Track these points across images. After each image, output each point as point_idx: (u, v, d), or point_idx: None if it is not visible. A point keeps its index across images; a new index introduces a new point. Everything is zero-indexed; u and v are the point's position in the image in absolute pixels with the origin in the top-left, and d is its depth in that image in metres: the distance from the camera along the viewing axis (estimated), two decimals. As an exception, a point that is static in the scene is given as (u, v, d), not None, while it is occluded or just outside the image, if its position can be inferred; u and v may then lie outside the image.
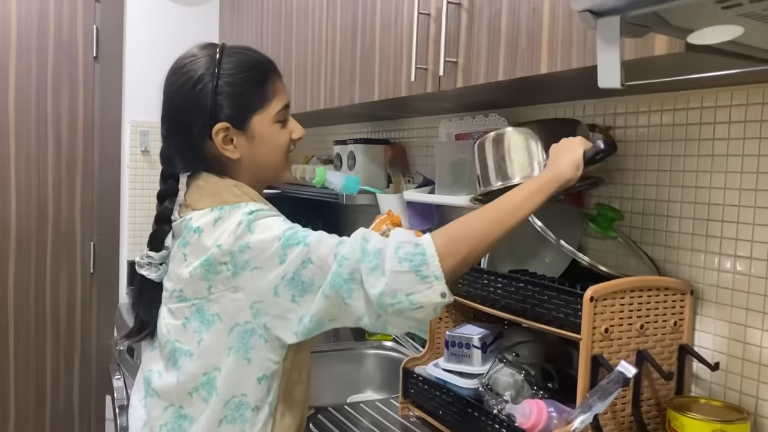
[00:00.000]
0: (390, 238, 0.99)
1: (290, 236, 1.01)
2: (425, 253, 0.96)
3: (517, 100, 1.50)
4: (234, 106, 1.08)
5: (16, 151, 2.49)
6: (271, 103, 1.10)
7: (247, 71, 1.09)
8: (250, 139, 1.09)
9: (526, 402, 1.11)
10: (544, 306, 1.13)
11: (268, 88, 1.10)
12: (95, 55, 2.58)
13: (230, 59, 1.09)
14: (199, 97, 1.07)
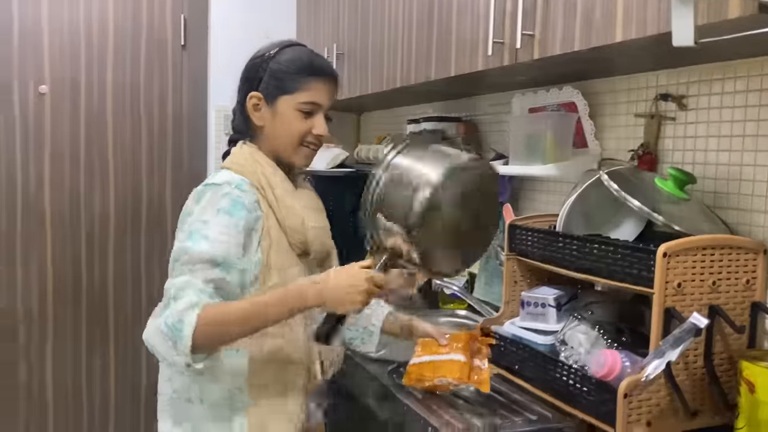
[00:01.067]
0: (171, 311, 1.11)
1: (185, 246, 1.17)
2: (182, 328, 1.09)
3: (591, 72, 1.56)
4: (270, 83, 1.30)
5: (113, 137, 2.69)
6: (299, 93, 1.29)
7: (294, 63, 1.30)
8: (273, 114, 1.30)
9: (601, 352, 1.18)
10: (618, 264, 1.19)
11: (302, 81, 1.29)
12: (183, 43, 2.75)
13: (289, 51, 1.31)
14: (253, 69, 1.32)
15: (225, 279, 1.17)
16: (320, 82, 1.30)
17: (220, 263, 1.16)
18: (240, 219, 1.20)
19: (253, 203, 1.24)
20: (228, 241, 1.18)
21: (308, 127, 1.30)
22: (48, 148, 2.60)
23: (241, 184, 1.24)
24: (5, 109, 2.53)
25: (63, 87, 2.60)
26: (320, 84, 1.30)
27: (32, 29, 2.54)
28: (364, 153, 2.57)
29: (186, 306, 1.10)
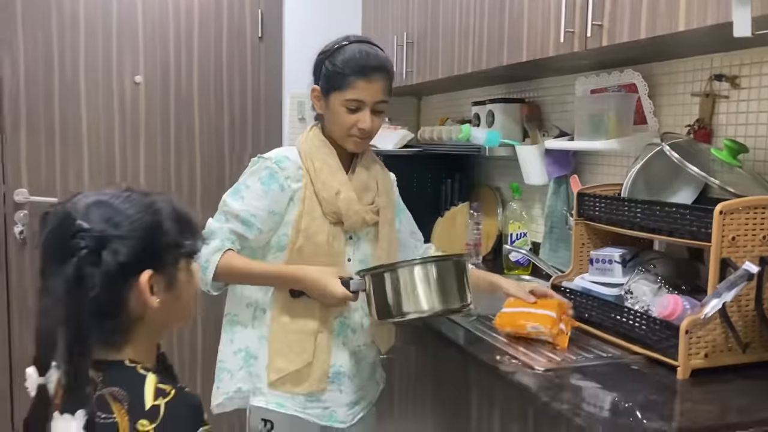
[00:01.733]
0: (210, 245, 1.47)
1: (227, 199, 1.53)
2: (207, 269, 1.45)
3: (650, 56, 1.73)
4: (325, 79, 1.52)
5: (199, 121, 2.95)
6: (345, 91, 1.49)
7: (344, 63, 1.49)
8: (327, 106, 1.54)
9: (665, 296, 1.38)
10: (679, 223, 1.39)
11: (349, 81, 1.49)
12: (260, 35, 2.99)
13: (344, 51, 1.51)
14: (316, 64, 1.56)
15: (245, 234, 1.49)
16: (365, 82, 1.48)
17: (244, 220, 1.48)
18: (270, 190, 1.49)
19: (290, 177, 1.50)
20: (257, 206, 1.48)
21: (354, 121, 1.50)
22: (143, 133, 2.87)
23: (282, 160, 1.51)
24: (106, 98, 2.81)
25: (155, 77, 2.86)
26: (365, 83, 1.49)
27: (129, 27, 2.80)
28: (428, 134, 2.77)
29: (212, 250, 1.46)
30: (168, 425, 0.90)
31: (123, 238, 0.94)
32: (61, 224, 0.93)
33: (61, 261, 0.90)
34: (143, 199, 0.99)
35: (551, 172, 2.13)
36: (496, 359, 1.41)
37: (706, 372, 1.31)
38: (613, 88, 1.88)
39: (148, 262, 0.96)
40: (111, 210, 0.95)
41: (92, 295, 0.90)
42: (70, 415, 0.88)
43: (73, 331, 0.89)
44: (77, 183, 2.80)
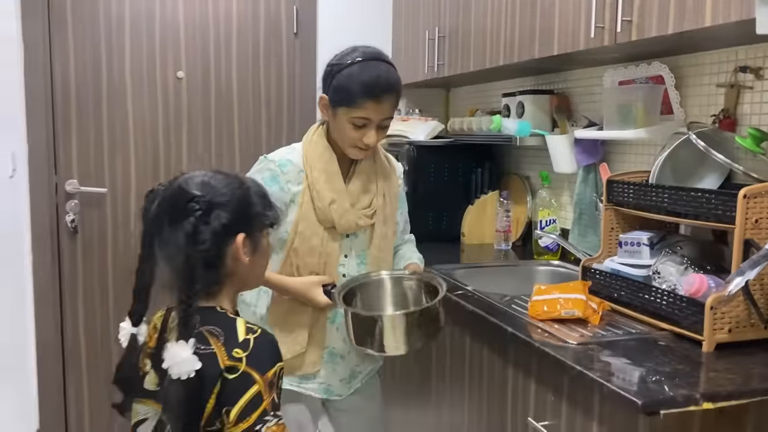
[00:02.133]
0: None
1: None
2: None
3: (677, 48, 1.81)
4: (334, 92, 1.58)
5: (238, 114, 3.07)
6: (354, 109, 1.55)
7: (355, 82, 1.54)
8: (333, 117, 1.61)
9: (691, 275, 1.47)
10: (705, 207, 1.48)
11: (356, 100, 1.54)
12: (295, 31, 3.10)
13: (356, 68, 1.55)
14: (327, 73, 1.62)
15: None
16: (374, 102, 1.54)
17: None
18: (271, 191, 1.48)
19: (291, 180, 1.61)
20: None
21: (360, 136, 1.57)
22: (185, 125, 3.01)
23: (285, 164, 1.62)
24: (150, 94, 2.95)
25: (196, 72, 3.00)
26: (374, 104, 1.54)
27: (171, 25, 2.94)
28: (458, 125, 2.87)
29: None
30: (256, 355, 1.12)
31: (225, 205, 1.16)
32: (175, 194, 1.17)
33: (179, 221, 1.13)
34: (234, 178, 1.24)
35: (580, 161, 2.22)
36: (531, 334, 1.52)
37: (729, 346, 1.40)
38: (640, 79, 1.97)
39: (242, 226, 1.19)
40: (213, 184, 1.18)
41: (203, 248, 1.13)
42: (185, 342, 1.09)
43: (190, 273, 1.12)
44: (124, 173, 2.95)
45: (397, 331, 1.45)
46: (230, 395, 1.10)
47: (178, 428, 1.10)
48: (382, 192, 1.71)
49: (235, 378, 1.10)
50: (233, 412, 1.10)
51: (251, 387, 1.10)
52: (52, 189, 2.85)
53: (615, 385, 1.21)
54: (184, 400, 1.09)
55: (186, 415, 1.10)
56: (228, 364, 1.11)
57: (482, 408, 1.78)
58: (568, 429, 1.39)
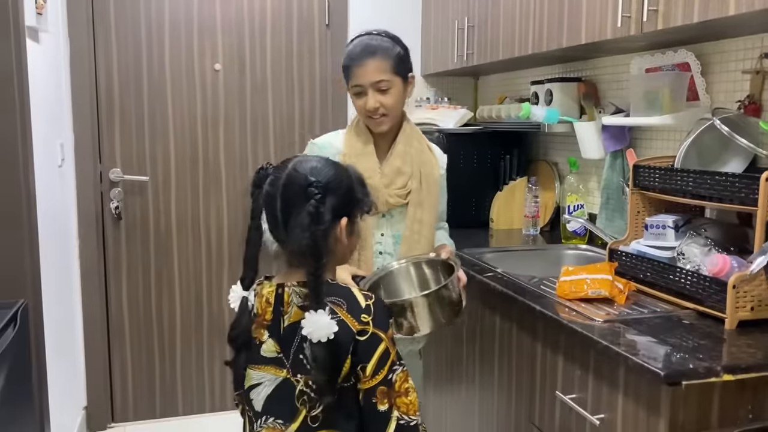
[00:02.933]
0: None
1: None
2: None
3: (703, 36, 1.86)
4: (342, 73, 1.78)
5: (272, 104, 3.18)
6: (349, 82, 1.74)
7: (346, 57, 1.75)
8: (350, 95, 1.77)
9: (714, 255, 1.53)
10: (728, 190, 1.53)
11: (348, 71, 1.74)
12: (327, 23, 3.19)
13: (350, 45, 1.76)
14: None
15: None
16: (359, 68, 1.70)
17: None
18: None
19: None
20: None
21: (362, 104, 1.73)
22: (222, 116, 3.12)
23: (325, 146, 1.78)
24: (189, 85, 3.06)
25: (233, 64, 3.10)
26: (359, 69, 1.70)
27: (208, 21, 3.04)
28: (486, 113, 2.93)
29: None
30: (378, 317, 1.28)
31: (336, 190, 1.29)
32: (293, 178, 1.29)
33: (301, 203, 1.26)
34: (339, 166, 1.36)
35: (608, 147, 2.27)
36: (559, 313, 1.59)
37: (751, 323, 1.46)
38: (667, 66, 2.01)
39: (347, 209, 1.32)
40: (326, 171, 1.30)
41: (323, 228, 1.25)
42: (322, 310, 1.23)
43: (316, 249, 1.24)
44: (164, 162, 3.07)
45: (421, 311, 1.52)
46: (364, 354, 1.25)
47: (322, 383, 1.25)
48: (418, 176, 1.79)
49: (366, 339, 1.25)
50: (369, 367, 1.25)
51: (380, 345, 1.26)
52: (97, 177, 2.99)
53: (639, 358, 1.29)
54: (326, 359, 1.23)
55: (328, 371, 1.24)
56: (359, 328, 1.25)
57: (512, 383, 1.86)
58: (594, 401, 1.47)
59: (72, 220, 2.91)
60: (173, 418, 3.21)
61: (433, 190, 1.83)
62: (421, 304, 1.53)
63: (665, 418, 1.24)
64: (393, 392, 1.27)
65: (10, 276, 2.02)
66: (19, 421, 1.74)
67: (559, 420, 1.62)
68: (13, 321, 1.70)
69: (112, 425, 3.13)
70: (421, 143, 1.85)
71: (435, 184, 1.84)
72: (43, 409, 2.17)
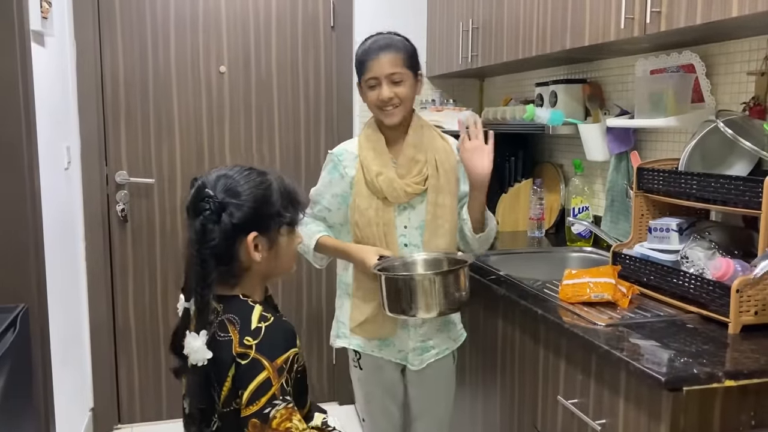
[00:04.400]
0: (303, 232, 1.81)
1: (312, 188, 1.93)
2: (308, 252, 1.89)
3: (707, 38, 1.84)
4: (355, 69, 1.86)
5: (278, 104, 3.18)
6: (364, 76, 1.81)
7: (359, 52, 1.83)
8: (361, 92, 1.84)
9: (718, 259, 1.52)
10: (732, 193, 1.52)
11: (362, 65, 1.80)
12: (332, 24, 3.19)
13: (363, 44, 1.83)
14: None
15: (317, 213, 1.88)
16: (374, 61, 1.78)
17: (318, 202, 1.88)
18: (333, 177, 1.86)
19: (348, 166, 1.84)
20: (323, 191, 1.88)
21: (376, 95, 1.79)
22: (227, 118, 3.13)
23: (342, 153, 1.86)
24: (194, 88, 3.07)
25: (238, 66, 3.11)
26: (374, 62, 1.78)
27: (214, 22, 3.05)
28: (492, 114, 2.92)
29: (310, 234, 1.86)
30: (266, 342, 1.21)
31: (238, 205, 1.25)
32: (197, 190, 1.27)
33: (194, 217, 1.25)
34: (258, 176, 1.31)
35: (612, 149, 2.26)
36: (561, 317, 1.58)
37: (755, 328, 1.44)
38: (671, 68, 2.00)
39: (255, 225, 1.26)
40: (230, 184, 1.26)
41: (212, 244, 1.22)
42: (196, 334, 1.21)
43: (200, 270, 1.22)
44: (170, 165, 3.08)
45: (426, 292, 1.59)
46: (242, 379, 1.19)
47: (194, 410, 1.25)
48: (433, 163, 1.84)
49: (246, 364, 1.19)
50: (245, 395, 1.18)
51: (260, 373, 1.18)
52: (103, 180, 3.00)
53: (640, 363, 1.28)
54: (197, 385, 1.23)
55: (200, 399, 1.24)
56: (239, 351, 1.20)
57: (514, 387, 1.85)
58: (595, 406, 1.46)
59: (78, 222, 2.93)
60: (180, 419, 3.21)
61: (451, 176, 1.86)
62: (427, 284, 1.58)
63: (666, 423, 1.23)
64: (267, 429, 1.17)
65: (15, 280, 2.04)
66: (21, 423, 1.75)
67: (561, 425, 1.61)
68: (13, 326, 1.71)
69: (119, 427, 3.14)
70: (432, 132, 1.90)
71: (452, 170, 1.87)
72: (49, 411, 2.18)
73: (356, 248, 1.81)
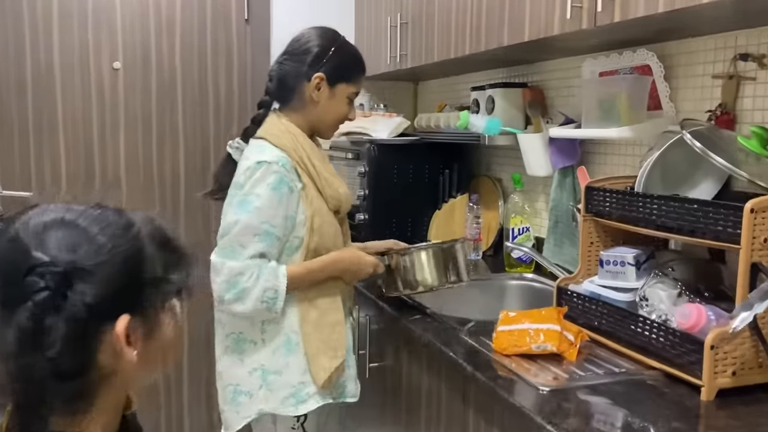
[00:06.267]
0: (260, 281, 1.43)
1: (239, 216, 1.45)
2: (278, 298, 1.45)
3: (667, 34, 1.56)
4: (336, 69, 1.55)
5: (182, 106, 2.79)
6: (352, 85, 1.58)
7: (355, 57, 1.61)
8: (330, 96, 1.56)
9: (686, 305, 1.22)
10: (702, 222, 1.22)
11: (357, 75, 1.60)
12: (246, 17, 2.82)
13: (346, 45, 1.61)
14: (321, 48, 1.55)
15: (270, 251, 1.46)
16: (363, 75, 1.62)
17: (268, 232, 1.44)
18: (282, 194, 1.45)
19: (294, 178, 1.48)
20: (273, 215, 1.45)
21: (348, 111, 1.61)
22: (123, 122, 2.71)
23: (285, 161, 1.48)
24: (83, 86, 2.65)
25: (135, 62, 2.70)
26: (363, 77, 1.62)
27: (107, 10, 2.63)
28: (425, 122, 2.61)
29: (264, 287, 1.44)
30: None
31: (93, 273, 0.71)
32: (10, 253, 0.71)
33: (12, 306, 0.69)
34: (119, 219, 0.77)
35: (556, 163, 1.96)
36: (494, 376, 1.26)
37: (733, 392, 1.15)
38: (624, 70, 1.72)
39: (126, 304, 0.74)
40: (78, 234, 0.72)
41: (51, 353, 0.69)
42: None
43: (31, 393, 0.70)
44: (53, 176, 2.65)
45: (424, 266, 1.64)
46: None
47: None
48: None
49: None
50: None
51: None
52: (-29, 193, 2.55)
53: (594, 453, 0.96)
54: None
55: None
56: None
57: (441, 454, 1.52)
58: (537, 496, 1.14)
59: (-63, 243, 2.46)
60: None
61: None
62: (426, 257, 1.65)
63: None
64: None
65: None
66: None
67: None
68: None
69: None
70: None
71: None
72: None
73: (345, 254, 1.58)
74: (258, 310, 1.45)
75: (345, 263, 1.57)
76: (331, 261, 1.54)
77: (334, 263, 1.55)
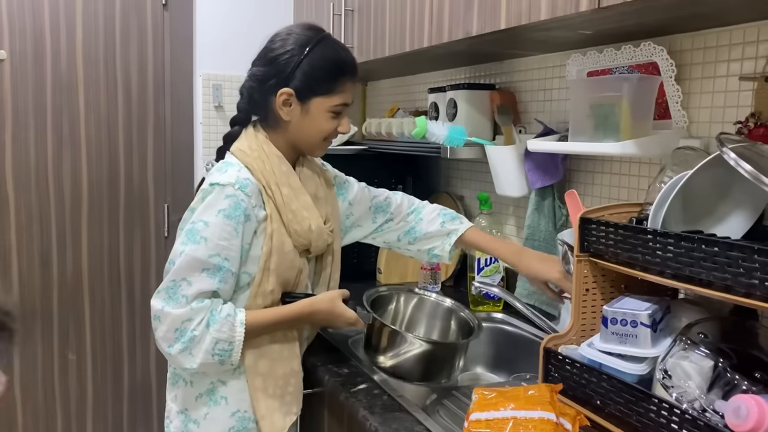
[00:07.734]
0: (211, 329, 1.21)
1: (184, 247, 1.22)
2: (233, 350, 1.23)
3: (680, 23, 1.23)
4: (304, 82, 1.28)
5: (85, 105, 2.35)
6: (333, 96, 1.31)
7: (328, 63, 1.29)
8: (303, 113, 1.30)
9: (738, 397, 0.87)
10: (729, 271, 0.88)
11: (336, 84, 1.30)
12: (164, 2, 2.39)
13: (320, 49, 1.29)
14: (285, 62, 1.28)
15: (221, 287, 1.23)
16: (350, 82, 1.32)
17: (220, 267, 1.22)
18: (238, 223, 1.23)
19: (256, 205, 1.26)
20: (227, 246, 1.22)
21: (335, 125, 1.34)
22: (9, 122, 2.26)
23: (246, 184, 1.25)
24: (-43, 78, 2.18)
25: (25, 51, 2.25)
26: (350, 84, 1.33)
27: (-14, -16, 2.18)
28: (374, 128, 2.24)
29: (217, 337, 1.21)
30: None
31: None
32: None
33: None
34: None
35: (533, 181, 1.62)
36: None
37: None
38: (620, 68, 1.38)
39: None
40: None
41: None
42: None
43: None
44: None
45: (419, 359, 1.28)
46: None
47: None
48: (328, 200, 1.43)
49: None
50: None
51: None
52: None
53: None
54: None
55: None
56: None
57: None
58: None
59: None
60: None
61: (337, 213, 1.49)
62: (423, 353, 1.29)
63: None
64: None
65: None
66: None
67: None
68: None
69: None
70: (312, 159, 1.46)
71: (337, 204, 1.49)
72: None
73: (318, 303, 1.32)
74: (208, 363, 1.22)
75: (322, 314, 1.33)
76: (307, 313, 1.32)
77: (310, 315, 1.33)
